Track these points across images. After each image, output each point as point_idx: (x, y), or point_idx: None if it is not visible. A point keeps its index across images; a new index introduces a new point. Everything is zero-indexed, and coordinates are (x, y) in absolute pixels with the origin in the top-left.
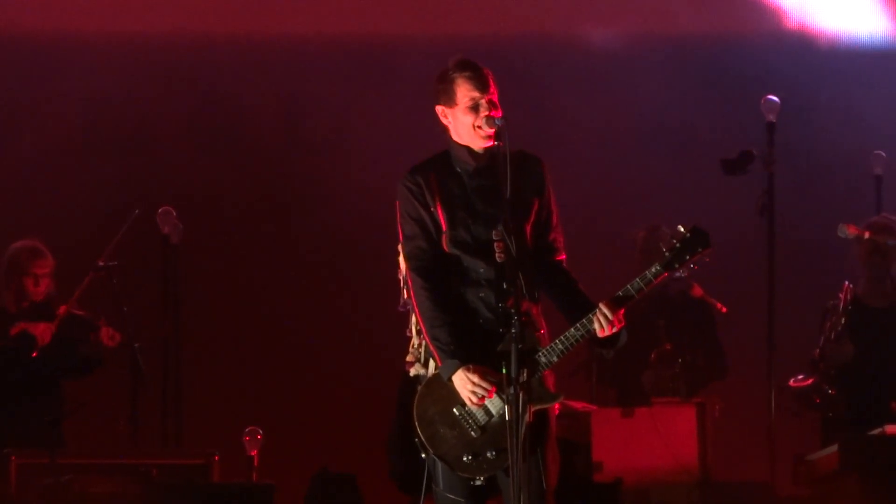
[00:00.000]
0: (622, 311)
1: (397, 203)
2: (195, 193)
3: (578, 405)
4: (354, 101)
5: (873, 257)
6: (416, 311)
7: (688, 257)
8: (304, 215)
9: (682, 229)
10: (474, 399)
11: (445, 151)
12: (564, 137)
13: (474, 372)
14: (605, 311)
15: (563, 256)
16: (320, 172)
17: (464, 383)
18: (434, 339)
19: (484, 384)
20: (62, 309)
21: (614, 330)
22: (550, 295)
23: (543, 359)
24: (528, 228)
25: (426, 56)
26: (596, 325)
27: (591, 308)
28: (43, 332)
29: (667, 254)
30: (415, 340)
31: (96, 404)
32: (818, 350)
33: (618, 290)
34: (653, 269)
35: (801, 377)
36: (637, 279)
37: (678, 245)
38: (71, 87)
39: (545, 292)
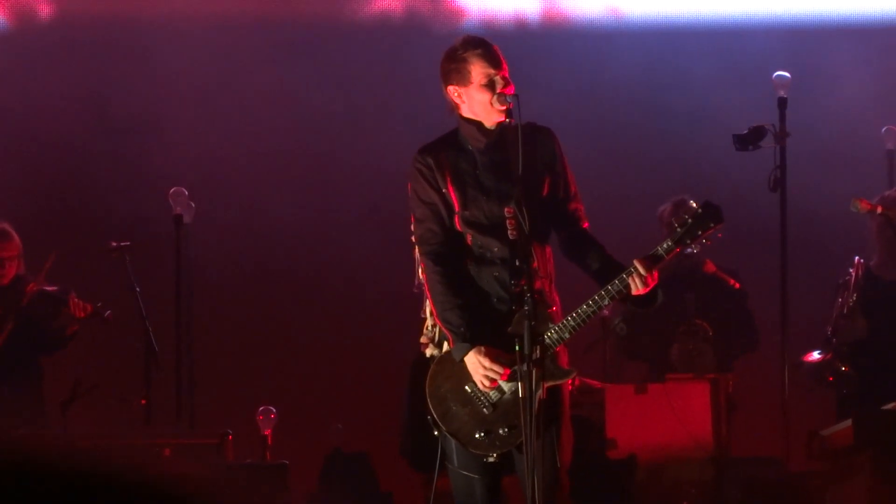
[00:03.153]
0: (656, 269)
1: (409, 185)
2: (208, 173)
3: (597, 384)
4: (363, 80)
5: (885, 231)
6: (428, 293)
7: (700, 233)
8: (318, 195)
9: (693, 205)
10: (487, 383)
11: (455, 130)
12: (575, 113)
13: (486, 355)
14: (640, 268)
15: (586, 224)
16: (334, 152)
17: (476, 367)
18: (445, 321)
19: (496, 367)
20: (31, 287)
21: (648, 289)
22: (580, 264)
23: (555, 335)
24: (543, 202)
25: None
26: (631, 285)
27: (622, 269)
28: None
29: (678, 229)
30: (428, 322)
31: (109, 385)
32: (831, 327)
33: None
34: (664, 245)
35: (816, 354)
36: (650, 254)
37: (690, 221)
38: (80, 69)
39: (574, 262)
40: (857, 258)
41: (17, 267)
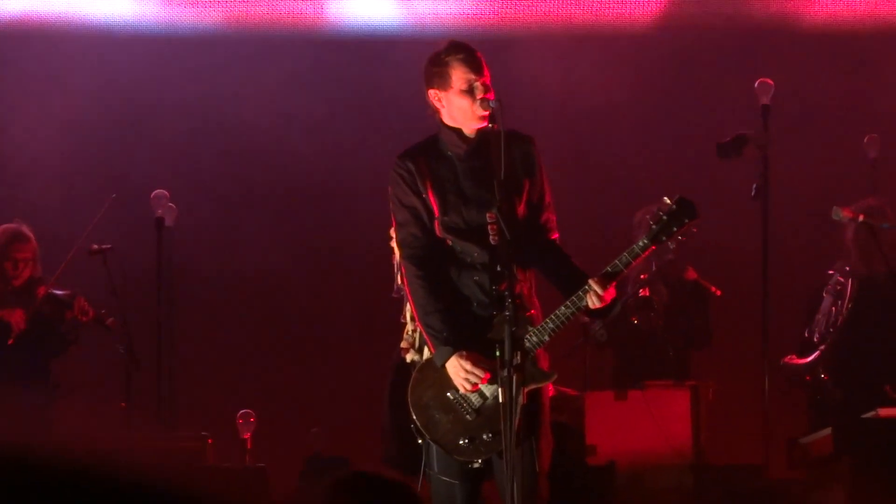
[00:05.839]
0: (612, 285)
1: (389, 189)
2: (189, 176)
3: (573, 393)
4: (349, 89)
5: (861, 237)
6: (410, 298)
7: (675, 229)
8: (299, 199)
9: (667, 201)
10: (467, 386)
11: (435, 135)
12: (558, 119)
13: (467, 359)
14: (596, 287)
15: (556, 235)
16: (314, 156)
17: (457, 371)
18: (427, 326)
19: (477, 371)
20: (41, 290)
21: (606, 303)
22: (545, 273)
23: (535, 338)
24: (521, 208)
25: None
26: (588, 301)
27: (586, 280)
28: (18, 320)
29: (653, 226)
30: (409, 327)
31: (89, 388)
32: (817, 334)
33: (606, 266)
34: (640, 243)
35: (800, 357)
36: (625, 253)
37: (664, 217)
38: (67, 73)
39: (540, 271)
40: (847, 267)
41: (33, 269)
